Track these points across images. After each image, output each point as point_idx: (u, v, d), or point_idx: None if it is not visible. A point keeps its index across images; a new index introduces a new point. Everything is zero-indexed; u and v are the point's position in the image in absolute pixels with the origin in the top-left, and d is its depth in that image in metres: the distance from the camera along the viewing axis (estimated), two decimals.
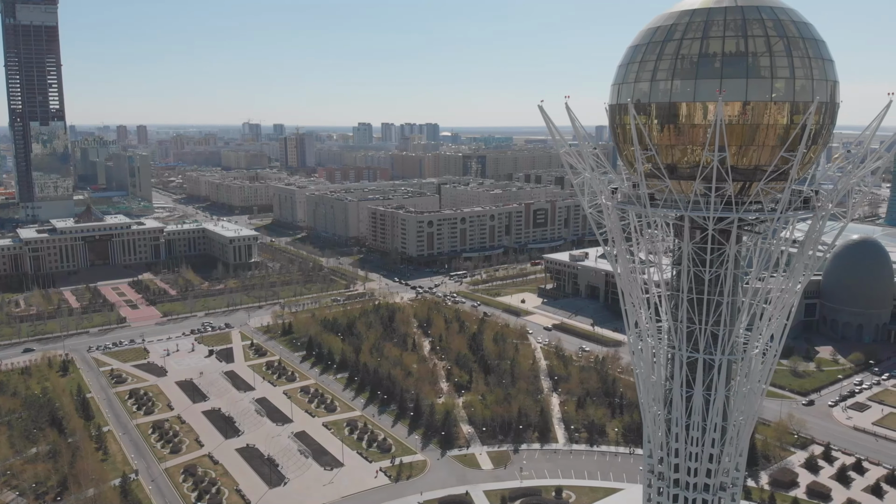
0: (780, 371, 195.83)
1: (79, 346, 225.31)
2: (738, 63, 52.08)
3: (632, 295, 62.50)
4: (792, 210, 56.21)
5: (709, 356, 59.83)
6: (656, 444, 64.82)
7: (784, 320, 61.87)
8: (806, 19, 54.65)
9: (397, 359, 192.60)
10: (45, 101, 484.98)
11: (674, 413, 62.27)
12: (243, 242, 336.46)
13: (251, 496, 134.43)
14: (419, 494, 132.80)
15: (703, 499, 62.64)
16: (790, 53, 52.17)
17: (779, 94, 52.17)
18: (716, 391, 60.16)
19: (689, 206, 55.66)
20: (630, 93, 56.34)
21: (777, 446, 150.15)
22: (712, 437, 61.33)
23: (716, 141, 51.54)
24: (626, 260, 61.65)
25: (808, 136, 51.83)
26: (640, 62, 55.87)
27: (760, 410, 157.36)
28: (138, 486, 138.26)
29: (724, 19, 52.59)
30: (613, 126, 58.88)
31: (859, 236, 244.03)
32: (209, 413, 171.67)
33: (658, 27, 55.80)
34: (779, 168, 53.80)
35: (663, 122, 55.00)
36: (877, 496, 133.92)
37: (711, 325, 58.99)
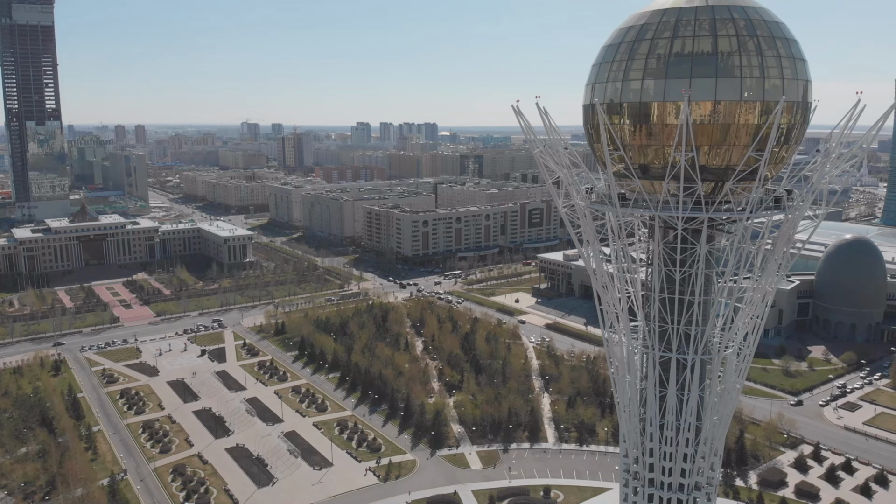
0: (771, 371, 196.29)
1: (71, 345, 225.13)
2: (709, 63, 52.02)
3: (606, 295, 62.46)
4: (762, 210, 56.00)
5: (681, 356, 59.81)
6: (632, 443, 64.84)
7: (758, 319, 61.73)
8: (778, 19, 54.60)
9: (389, 358, 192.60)
10: (42, 100, 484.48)
11: (648, 413, 62.27)
12: (238, 242, 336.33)
13: (239, 496, 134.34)
14: (407, 494, 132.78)
15: (678, 498, 62.62)
16: (760, 52, 52.10)
17: (749, 94, 52.09)
18: (689, 391, 60.14)
19: (659, 206, 55.59)
20: (603, 93, 56.31)
21: (766, 446, 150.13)
22: (686, 436, 61.31)
23: (683, 141, 51.49)
24: (600, 260, 61.61)
25: (776, 136, 51.66)
26: (612, 62, 55.82)
27: (752, 410, 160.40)
28: (126, 486, 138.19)
29: (695, 19, 52.51)
30: (587, 126, 58.84)
31: (852, 236, 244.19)
32: (200, 413, 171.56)
33: (630, 27, 55.76)
34: (750, 167, 53.68)
35: (635, 122, 54.96)
36: (865, 496, 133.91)
37: (684, 324, 58.94)
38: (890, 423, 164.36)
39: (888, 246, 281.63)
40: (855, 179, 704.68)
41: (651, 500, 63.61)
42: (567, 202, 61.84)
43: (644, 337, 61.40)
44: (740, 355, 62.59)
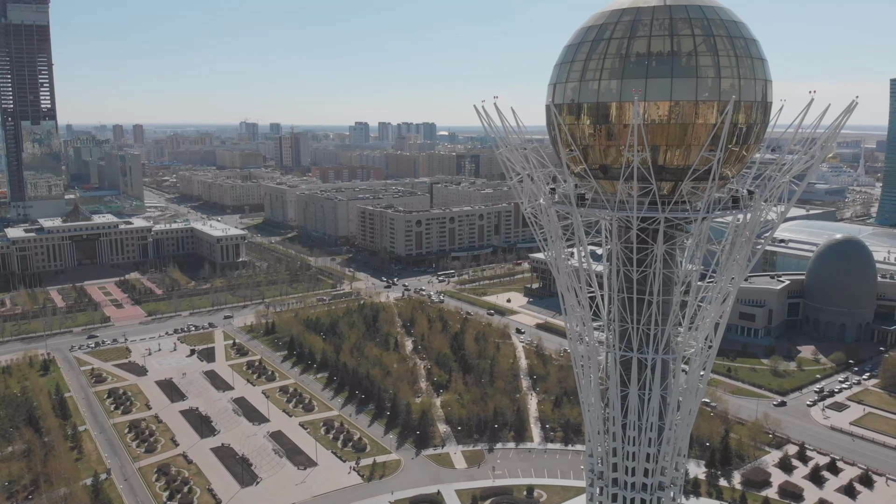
0: (760, 370, 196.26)
1: (61, 345, 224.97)
2: (665, 62, 51.92)
3: (569, 294, 62.41)
4: (719, 210, 55.86)
5: (642, 355, 59.76)
6: (596, 443, 64.82)
7: (720, 319, 61.63)
8: (737, 18, 54.47)
9: (377, 358, 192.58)
10: (37, 100, 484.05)
11: (610, 412, 62.26)
12: (231, 242, 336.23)
13: (223, 495, 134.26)
14: (390, 494, 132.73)
15: (641, 498, 62.61)
16: (716, 52, 52.00)
17: (706, 94, 51.95)
18: (650, 390, 60.10)
19: (615, 207, 55.54)
20: (563, 93, 56.24)
21: (752, 446, 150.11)
22: (649, 436, 61.27)
23: (634, 141, 51.40)
24: (563, 260, 61.54)
25: (727, 136, 51.26)
26: (572, 62, 55.77)
27: (738, 410, 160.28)
28: (110, 486, 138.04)
29: (652, 19, 52.42)
30: (549, 126, 58.80)
31: (843, 236, 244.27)
32: (186, 412, 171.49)
33: (590, 27, 55.69)
34: (708, 167, 53.49)
35: (595, 122, 54.90)
36: (849, 496, 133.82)
37: (643, 324, 58.91)
38: (877, 424, 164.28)
39: (880, 245, 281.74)
40: (852, 179, 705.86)
41: (615, 500, 63.60)
42: (532, 202, 61.75)
43: (607, 337, 61.39)
44: (703, 355, 62.45)
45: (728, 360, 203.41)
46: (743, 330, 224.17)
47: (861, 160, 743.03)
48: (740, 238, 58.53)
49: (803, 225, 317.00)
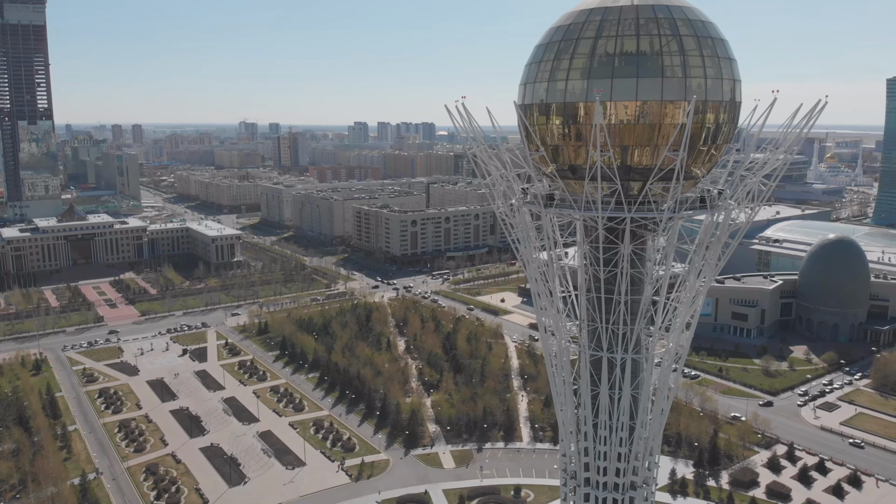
0: (752, 370, 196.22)
1: (54, 345, 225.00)
2: (631, 62, 51.84)
3: (540, 294, 62.40)
4: (685, 210, 55.74)
5: (611, 355, 59.76)
6: (568, 442, 64.81)
7: (690, 318, 61.59)
8: (706, 18, 54.36)
9: (368, 358, 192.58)
10: (33, 99, 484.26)
11: (581, 412, 62.29)
12: (226, 241, 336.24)
13: (210, 495, 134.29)
14: (377, 494, 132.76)
15: (613, 498, 62.58)
16: (683, 52, 51.90)
17: (673, 94, 51.85)
18: (620, 390, 60.10)
19: (582, 207, 55.53)
20: (533, 93, 56.22)
21: (740, 446, 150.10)
22: (620, 436, 61.28)
23: (597, 141, 51.35)
24: (534, 260, 61.53)
25: (696, 135, 51.18)
26: (541, 62, 55.74)
27: (728, 410, 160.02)
28: (98, 485, 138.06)
29: (619, 18, 52.34)
30: (520, 126, 58.81)
31: (835, 236, 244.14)
32: (176, 412, 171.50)
33: (558, 26, 55.63)
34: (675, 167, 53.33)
35: (563, 122, 54.87)
36: (837, 497, 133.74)
37: (612, 323, 58.90)
38: (867, 424, 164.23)
39: (875, 246, 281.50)
40: (850, 179, 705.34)
41: (587, 500, 63.61)
42: (505, 202, 61.75)
43: (578, 336, 61.37)
44: (673, 354, 62.38)
45: (720, 360, 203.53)
46: (735, 330, 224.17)
47: (859, 160, 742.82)
48: (708, 238, 58.36)
49: (798, 225, 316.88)
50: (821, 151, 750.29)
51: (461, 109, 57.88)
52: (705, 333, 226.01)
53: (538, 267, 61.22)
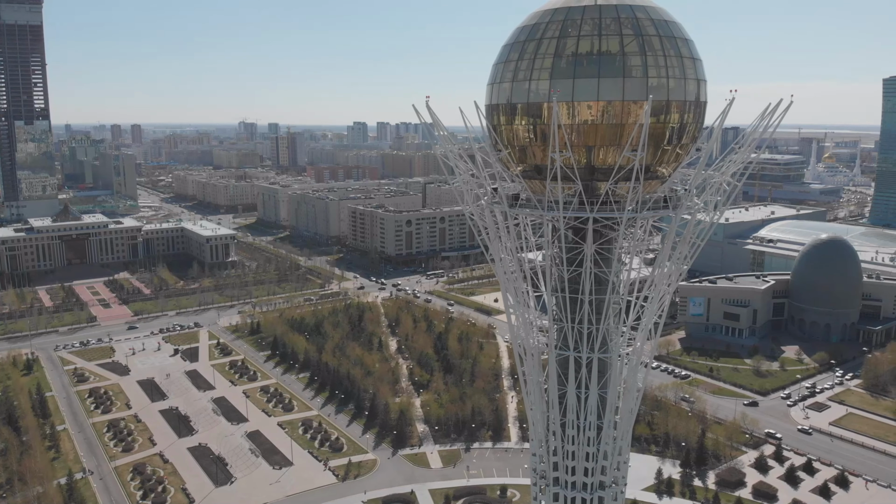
0: (742, 370, 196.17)
1: (46, 345, 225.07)
2: (593, 62, 51.79)
3: (510, 294, 62.42)
4: (647, 209, 55.65)
5: (578, 354, 59.76)
6: (537, 442, 64.84)
7: (656, 318, 61.58)
8: (670, 18, 54.26)
9: (358, 358, 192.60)
10: (30, 100, 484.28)
11: (549, 411, 62.31)
12: (220, 241, 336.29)
13: (196, 495, 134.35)
14: (363, 493, 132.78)
15: (581, 498, 62.57)
16: (645, 52, 51.83)
17: (635, 94, 51.76)
18: (587, 389, 60.10)
19: (547, 207, 55.48)
20: (498, 93, 56.23)
21: (728, 445, 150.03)
22: (588, 435, 61.25)
23: (555, 141, 51.30)
24: (503, 260, 61.53)
25: (661, 135, 51.11)
26: (506, 62, 55.75)
27: (716, 409, 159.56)
28: (85, 485, 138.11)
29: (582, 18, 52.28)
30: (488, 127, 58.83)
31: (828, 236, 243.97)
32: (166, 412, 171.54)
33: (524, 26, 55.63)
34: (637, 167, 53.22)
35: (528, 122, 54.85)
36: (824, 497, 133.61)
37: (578, 323, 58.90)
38: (856, 424, 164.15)
39: (869, 246, 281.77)
40: (847, 179, 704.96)
41: (557, 499, 63.60)
42: (475, 202, 61.72)
43: (545, 335, 61.39)
44: (640, 354, 62.38)
45: (711, 360, 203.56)
46: (727, 330, 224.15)
47: (857, 160, 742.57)
48: (671, 236, 58.25)
49: (792, 225, 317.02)
50: (819, 151, 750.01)
51: (427, 110, 57.83)
52: (697, 333, 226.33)
53: (507, 267, 61.19)
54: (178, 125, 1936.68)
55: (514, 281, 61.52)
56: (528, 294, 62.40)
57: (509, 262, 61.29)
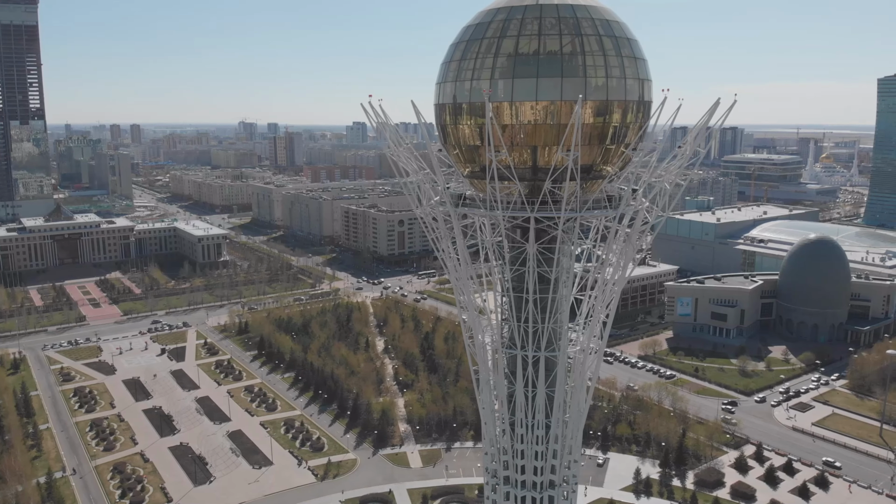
0: (728, 370, 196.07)
1: (34, 344, 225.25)
2: (532, 62, 51.75)
3: (462, 294, 62.44)
4: (587, 209, 55.59)
5: (525, 352, 59.75)
6: (488, 440, 64.88)
7: (602, 317, 61.58)
8: (614, 17, 54.15)
9: (343, 358, 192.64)
10: (25, 100, 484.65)
11: (499, 410, 62.38)
12: (212, 241, 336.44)
13: (175, 494, 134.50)
14: (341, 493, 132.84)
15: (532, 496, 62.56)
16: (584, 52, 51.77)
17: (574, 93, 51.48)
18: (534, 387, 60.11)
19: (489, 207, 55.50)
20: (445, 93, 56.21)
21: (709, 445, 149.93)
22: (537, 434, 61.27)
23: (490, 141, 51.31)
24: (454, 260, 61.54)
25: (604, 135, 50.90)
26: (450, 62, 55.69)
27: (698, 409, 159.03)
28: (65, 484, 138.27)
29: (523, 18, 52.20)
30: (437, 126, 58.88)
31: (816, 236, 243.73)
32: (149, 411, 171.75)
33: (468, 25, 55.55)
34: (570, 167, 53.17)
35: (474, 123, 54.78)
36: (803, 497, 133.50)
37: (523, 321, 58.91)
38: (839, 425, 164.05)
39: (860, 246, 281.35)
40: (845, 179, 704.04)
41: (508, 498, 63.63)
42: (427, 202, 61.73)
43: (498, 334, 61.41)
44: (588, 353, 62.35)
45: (697, 360, 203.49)
46: (715, 330, 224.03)
47: (855, 160, 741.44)
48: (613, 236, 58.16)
49: (784, 225, 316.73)
50: (817, 152, 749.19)
51: (377, 109, 57.84)
52: (685, 333, 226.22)
53: (458, 266, 61.20)
54: (179, 125, 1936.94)
55: (464, 280, 61.49)
56: (479, 293, 62.39)
57: (459, 261, 61.19)
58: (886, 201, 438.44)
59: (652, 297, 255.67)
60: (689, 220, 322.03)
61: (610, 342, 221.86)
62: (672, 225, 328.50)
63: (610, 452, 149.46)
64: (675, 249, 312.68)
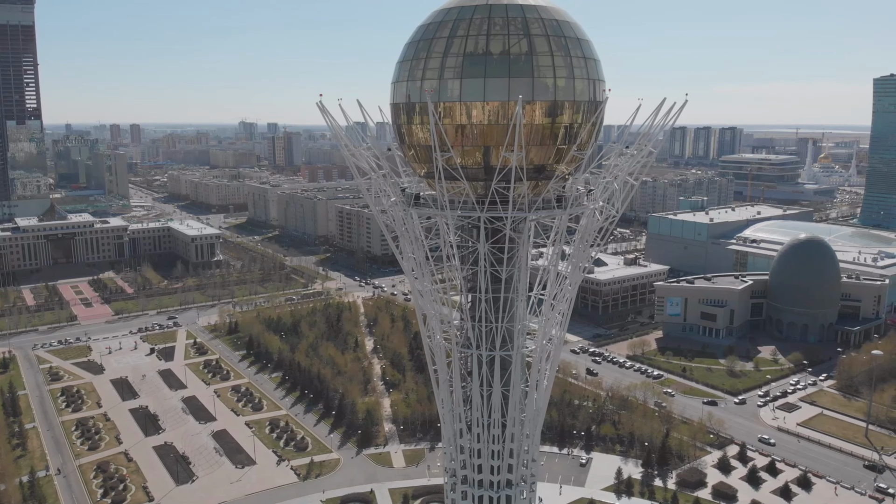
0: (716, 371, 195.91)
1: (25, 343, 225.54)
2: (480, 62, 51.81)
3: (421, 294, 62.47)
4: (537, 209, 55.56)
5: (479, 352, 59.79)
6: (447, 439, 64.93)
7: (560, 317, 61.58)
8: (564, 18, 54.01)
9: (331, 358, 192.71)
10: (22, 100, 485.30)
11: (456, 409, 62.42)
12: (205, 241, 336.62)
13: (156, 493, 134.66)
14: (321, 493, 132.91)
15: (489, 496, 62.60)
16: (532, 52, 51.73)
17: (523, 94, 51.47)
18: (490, 386, 60.15)
19: (442, 206, 55.52)
20: (398, 92, 56.24)
21: (693, 446, 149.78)
22: (493, 433, 61.33)
23: (435, 141, 51.34)
24: (411, 259, 61.60)
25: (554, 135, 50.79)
26: (402, 61, 55.78)
27: (683, 409, 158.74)
28: (48, 483, 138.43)
29: (472, 18, 52.20)
30: (393, 126, 58.93)
31: (806, 236, 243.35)
32: (135, 411, 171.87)
33: (421, 25, 55.58)
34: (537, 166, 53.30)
35: (426, 122, 54.77)
36: (784, 498, 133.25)
37: (478, 320, 58.95)
38: (825, 425, 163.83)
39: (852, 246, 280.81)
40: (843, 179, 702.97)
41: (465, 497, 63.68)
42: (385, 201, 61.80)
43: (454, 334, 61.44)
44: (544, 353, 62.37)
45: (685, 360, 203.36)
46: (704, 330, 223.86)
47: (853, 160, 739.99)
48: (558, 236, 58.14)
49: (777, 225, 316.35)
50: (816, 152, 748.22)
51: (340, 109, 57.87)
52: (674, 333, 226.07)
53: (415, 266, 61.27)
54: (179, 125, 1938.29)
55: (422, 279, 61.56)
56: (438, 293, 62.42)
57: (416, 261, 61.28)
58: (882, 201, 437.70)
59: (643, 297, 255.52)
60: (682, 220, 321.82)
61: (599, 342, 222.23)
62: (665, 225, 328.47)
63: (593, 452, 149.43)
64: (667, 249, 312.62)
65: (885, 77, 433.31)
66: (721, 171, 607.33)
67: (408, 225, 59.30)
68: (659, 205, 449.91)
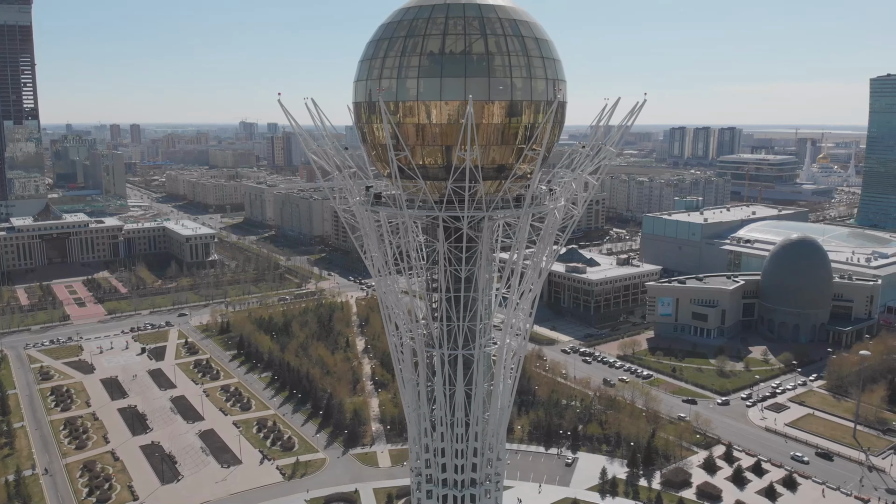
0: (706, 371, 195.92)
1: (17, 343, 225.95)
2: (437, 62, 51.84)
3: (386, 294, 62.58)
4: (495, 208, 55.60)
5: (442, 351, 59.86)
6: (412, 439, 65.06)
7: (524, 315, 61.64)
8: (524, 17, 53.94)
9: (320, 358, 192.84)
10: (19, 100, 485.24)
11: (420, 408, 62.53)
12: (200, 241, 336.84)
13: (141, 492, 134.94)
14: (306, 492, 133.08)
15: (453, 495, 62.69)
16: (489, 52, 51.68)
17: (480, 94, 51.48)
18: (453, 385, 60.22)
19: (401, 206, 55.65)
20: (359, 91, 56.32)
21: (679, 446, 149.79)
22: (457, 432, 61.39)
23: (388, 140, 51.44)
24: (380, 259, 61.70)
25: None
26: (364, 60, 55.76)
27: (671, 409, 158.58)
28: (34, 482, 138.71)
29: (430, 17, 52.25)
30: (356, 125, 59.04)
31: (798, 236, 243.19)
32: (124, 410, 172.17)
33: (382, 24, 55.57)
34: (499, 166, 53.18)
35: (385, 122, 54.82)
36: (769, 498, 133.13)
37: (440, 320, 59.05)
38: (813, 425, 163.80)
39: (845, 246, 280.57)
40: (841, 180, 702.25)
41: (430, 496, 63.80)
42: (350, 200, 61.87)
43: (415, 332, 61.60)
44: (507, 352, 62.44)
45: (675, 360, 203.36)
46: (695, 330, 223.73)
47: (852, 161, 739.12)
48: (520, 236, 58.20)
49: (771, 225, 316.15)
50: (815, 152, 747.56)
51: (282, 107, 57.87)
52: (665, 333, 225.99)
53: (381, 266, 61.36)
54: (180, 125, 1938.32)
55: (387, 279, 61.67)
56: (402, 292, 62.51)
57: (381, 259, 61.42)
58: (879, 202, 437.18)
59: (635, 297, 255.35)
60: (677, 221, 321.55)
61: (590, 342, 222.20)
62: (659, 225, 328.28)
63: (579, 452, 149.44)
64: (662, 250, 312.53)
65: (882, 77, 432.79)
66: (719, 171, 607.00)
67: (371, 224, 59.36)
68: (655, 205, 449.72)
